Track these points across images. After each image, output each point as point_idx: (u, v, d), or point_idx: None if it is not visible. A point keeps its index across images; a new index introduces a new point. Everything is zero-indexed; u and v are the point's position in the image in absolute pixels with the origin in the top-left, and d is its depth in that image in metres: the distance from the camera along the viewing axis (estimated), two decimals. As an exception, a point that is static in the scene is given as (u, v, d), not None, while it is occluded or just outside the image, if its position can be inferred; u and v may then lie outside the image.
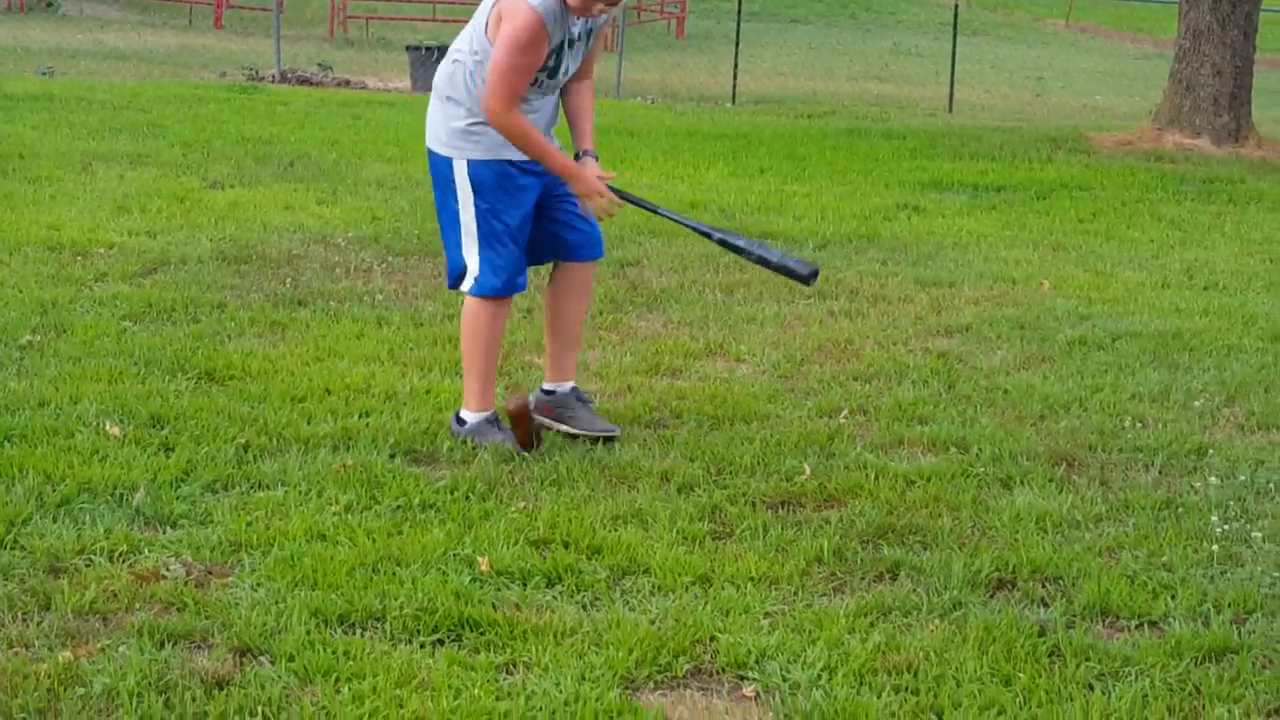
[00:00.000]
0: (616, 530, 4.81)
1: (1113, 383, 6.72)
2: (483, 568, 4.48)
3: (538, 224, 5.70)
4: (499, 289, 5.60)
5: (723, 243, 5.78)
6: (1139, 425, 6.14)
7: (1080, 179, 13.34)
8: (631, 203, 5.82)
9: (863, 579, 4.55)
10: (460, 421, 5.68)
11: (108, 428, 5.49)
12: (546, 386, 5.87)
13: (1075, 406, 6.36)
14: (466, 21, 5.68)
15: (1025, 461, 5.62)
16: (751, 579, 4.49)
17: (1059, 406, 6.35)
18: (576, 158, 5.67)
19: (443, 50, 20.37)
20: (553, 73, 5.54)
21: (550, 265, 5.90)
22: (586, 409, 5.81)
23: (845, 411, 6.20)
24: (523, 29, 5.31)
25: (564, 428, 5.74)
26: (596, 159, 5.73)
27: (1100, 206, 11.88)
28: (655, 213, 5.95)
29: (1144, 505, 5.21)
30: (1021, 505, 5.15)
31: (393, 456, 5.42)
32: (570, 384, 5.85)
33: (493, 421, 5.67)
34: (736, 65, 21.45)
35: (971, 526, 4.99)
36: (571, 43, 5.52)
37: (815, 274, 5.75)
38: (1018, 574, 4.60)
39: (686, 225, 5.93)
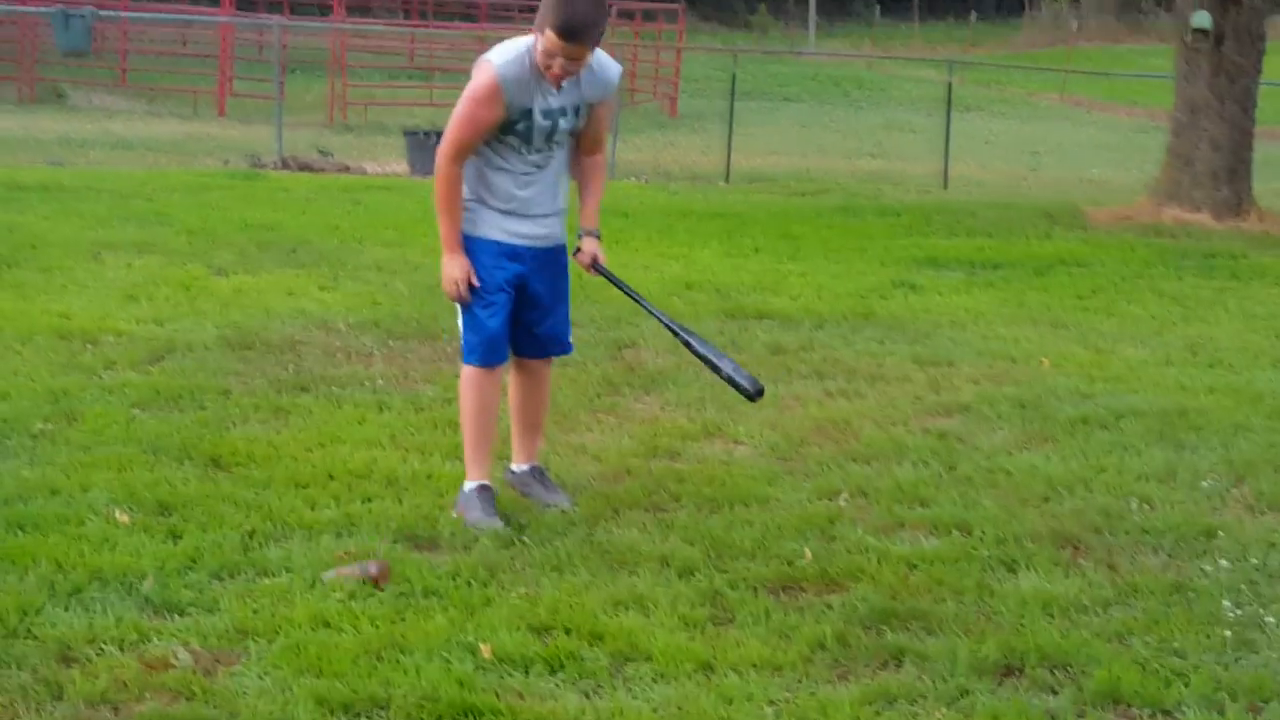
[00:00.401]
0: (617, 616, 4.86)
1: (1117, 463, 6.74)
2: (485, 655, 4.53)
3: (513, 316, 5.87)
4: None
5: (685, 343, 6.01)
6: (1145, 506, 6.15)
7: (1078, 254, 13.38)
8: (615, 285, 6.08)
9: (867, 665, 4.58)
10: None
11: (117, 515, 5.55)
12: (511, 467, 6.11)
13: (1079, 487, 6.38)
14: None
15: (1029, 544, 5.64)
16: (754, 665, 4.52)
17: (1063, 487, 6.37)
18: (578, 236, 5.93)
19: (439, 134, 20.53)
20: (526, 138, 5.68)
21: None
22: (542, 484, 6.03)
23: (845, 493, 6.24)
24: (479, 85, 5.60)
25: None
26: (597, 238, 5.97)
27: (1099, 282, 11.92)
28: (631, 298, 6.15)
29: (1153, 589, 5.21)
30: (1027, 589, 5.17)
31: (395, 542, 5.48)
32: (530, 464, 6.09)
33: (484, 492, 5.82)
34: (730, 144, 21.59)
35: (976, 611, 5.01)
36: (549, 113, 5.64)
37: (760, 392, 5.92)
38: (1025, 660, 4.61)
39: (656, 316, 6.12)
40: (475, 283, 5.75)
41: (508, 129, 5.64)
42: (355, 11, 41.48)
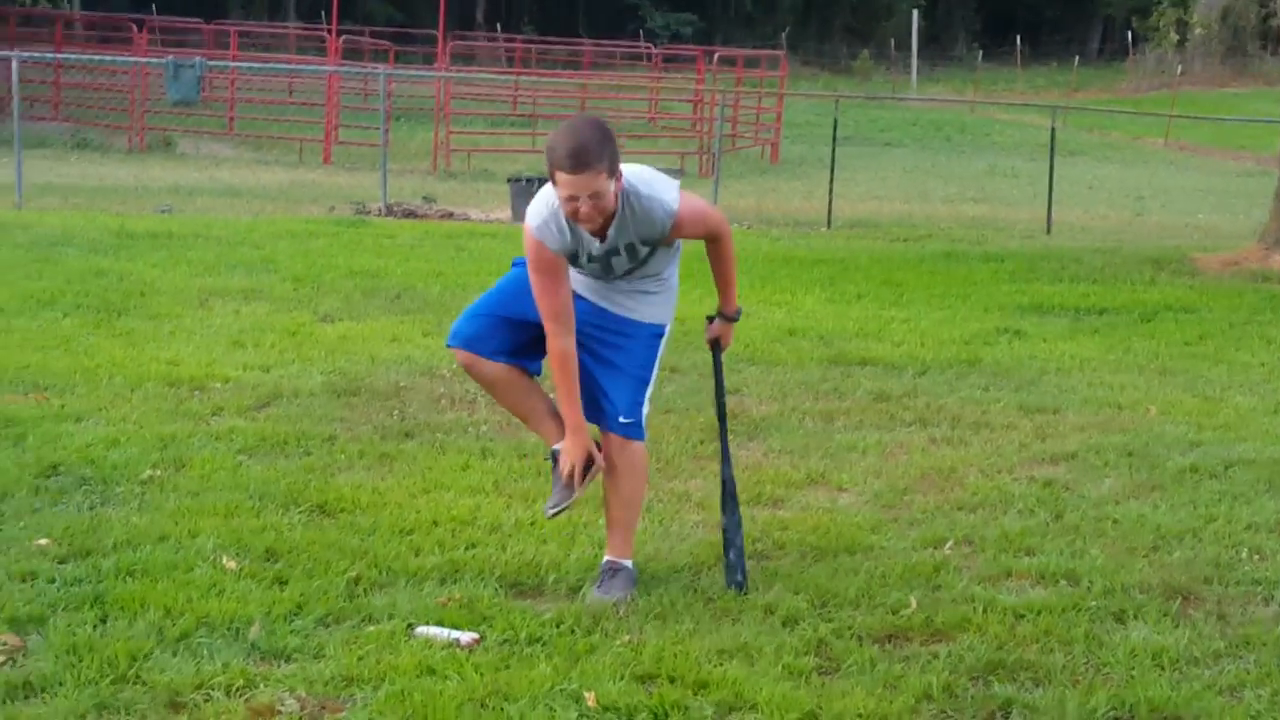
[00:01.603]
0: (722, 665, 4.83)
1: (1227, 512, 6.64)
2: (590, 703, 4.52)
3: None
4: None
5: (725, 500, 5.76)
6: (1256, 557, 6.06)
7: (1185, 301, 13.24)
8: (715, 378, 6.02)
9: (974, 717, 4.54)
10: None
11: (225, 562, 5.60)
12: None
13: (1189, 537, 6.29)
14: None
15: (1138, 595, 5.57)
16: (860, 716, 4.49)
17: (1172, 537, 6.28)
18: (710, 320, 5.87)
19: (543, 181, 20.65)
20: (575, 266, 5.43)
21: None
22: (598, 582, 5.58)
23: (950, 542, 6.19)
24: (528, 251, 5.34)
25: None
26: (722, 319, 5.91)
27: (1207, 329, 11.78)
28: (717, 405, 6.00)
29: (1265, 641, 5.13)
30: (1136, 640, 5.10)
31: (498, 589, 5.48)
32: (605, 559, 5.64)
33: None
34: (831, 190, 21.55)
35: (1085, 662, 4.95)
36: (596, 257, 5.38)
37: (739, 586, 5.55)
38: (1135, 713, 4.55)
39: (722, 442, 5.92)
40: (597, 460, 5.50)
41: (571, 261, 5.42)
42: (459, 60, 41.92)
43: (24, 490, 6.44)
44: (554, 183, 5.16)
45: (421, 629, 5.04)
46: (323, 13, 45.89)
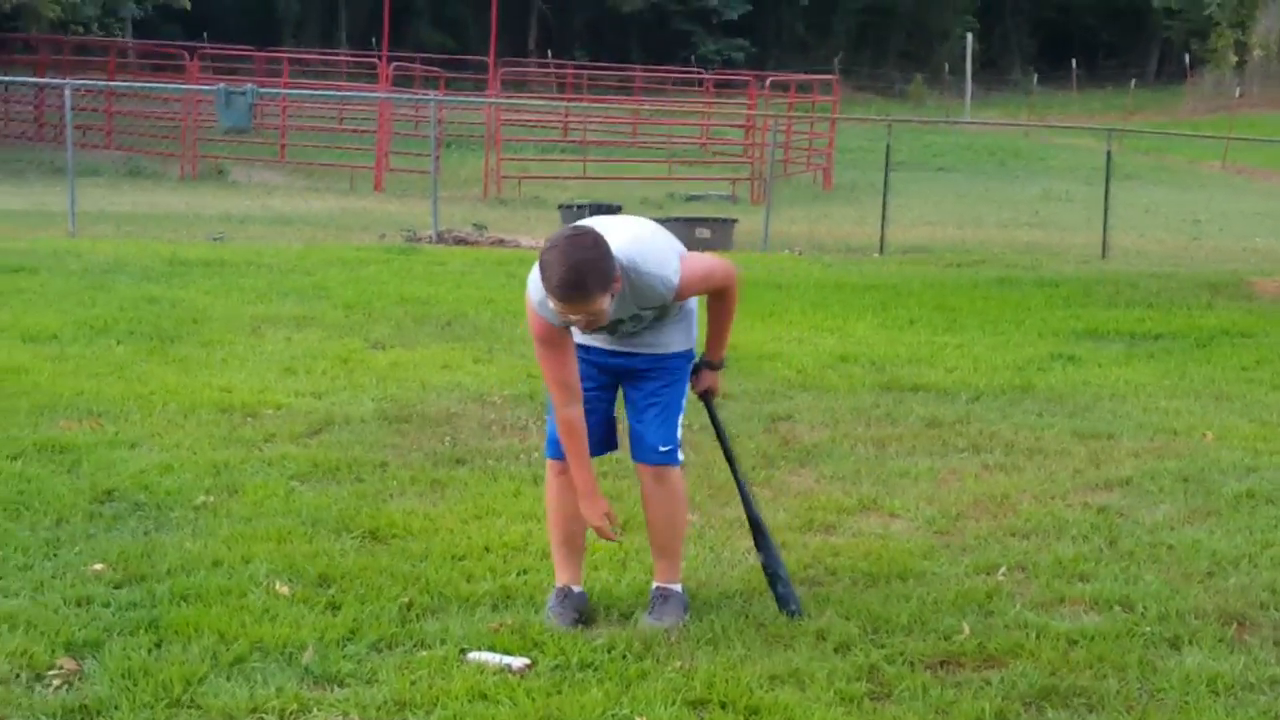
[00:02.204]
0: (774, 690, 4.82)
1: (1284, 538, 6.59)
2: (642, 729, 4.52)
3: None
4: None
5: (757, 536, 5.73)
6: (1312, 582, 6.00)
7: (1242, 325, 13.14)
8: (714, 427, 5.87)
9: (1026, 742, 4.51)
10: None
11: (278, 587, 5.62)
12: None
13: (1245, 563, 6.24)
14: (617, 180, 5.72)
15: (1193, 621, 5.52)
16: (913, 741, 4.47)
17: (1227, 563, 6.24)
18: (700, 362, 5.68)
19: (595, 208, 20.75)
20: (600, 336, 5.41)
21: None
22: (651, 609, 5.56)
23: (1003, 568, 6.16)
24: (530, 324, 5.28)
25: None
26: (712, 368, 5.68)
27: (1264, 354, 11.68)
28: (723, 451, 5.91)
29: (1320, 667, 5.08)
30: (1191, 667, 5.06)
31: (545, 611, 5.48)
32: (654, 585, 5.63)
33: (559, 595, 5.56)
34: (884, 215, 21.52)
35: (1139, 689, 4.91)
36: (596, 332, 5.32)
37: (794, 614, 5.50)
38: (1189, 739, 4.52)
39: (739, 485, 5.86)
40: (614, 521, 5.46)
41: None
42: (510, 86, 42.11)
43: (79, 516, 6.49)
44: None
45: (474, 654, 5.05)
46: (374, 39, 46.17)
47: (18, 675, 4.77)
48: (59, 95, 24.34)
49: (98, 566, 5.81)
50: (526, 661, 5.02)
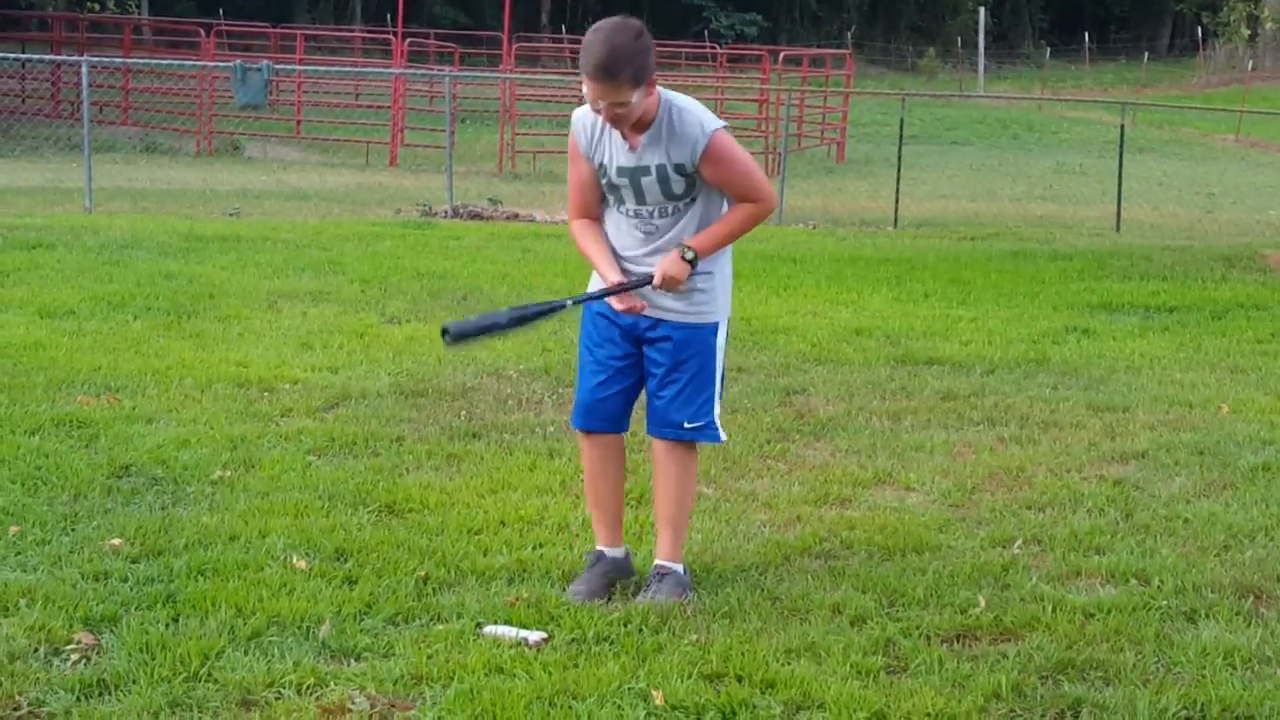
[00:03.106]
0: (790, 664, 4.83)
1: (1299, 510, 6.58)
2: (658, 702, 4.52)
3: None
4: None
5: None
6: (1328, 554, 5.99)
7: (1257, 298, 13.12)
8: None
9: (1043, 716, 4.51)
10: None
11: (295, 561, 5.64)
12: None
13: (1261, 536, 6.24)
14: None
15: (1210, 594, 5.52)
16: (928, 715, 4.47)
17: (1243, 536, 6.23)
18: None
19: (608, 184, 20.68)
20: (616, 195, 5.40)
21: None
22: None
23: (1019, 541, 6.16)
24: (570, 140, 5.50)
25: None
26: (681, 254, 5.32)
27: (1279, 326, 11.67)
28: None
29: (1338, 640, 5.07)
30: (1207, 640, 5.06)
31: (566, 589, 5.49)
32: (656, 560, 5.61)
33: (588, 561, 5.64)
34: (898, 189, 21.47)
35: (1155, 662, 4.92)
36: (625, 170, 5.33)
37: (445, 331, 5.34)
38: (1206, 712, 4.52)
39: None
40: (633, 308, 5.40)
41: (605, 184, 5.42)
42: (524, 61, 42.04)
43: (97, 491, 6.51)
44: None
45: (490, 628, 5.06)
46: (388, 16, 46.13)
47: (36, 649, 4.79)
48: (75, 72, 24.34)
49: (115, 541, 5.83)
50: (543, 635, 5.03)
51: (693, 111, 5.31)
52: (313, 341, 10.07)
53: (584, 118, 5.41)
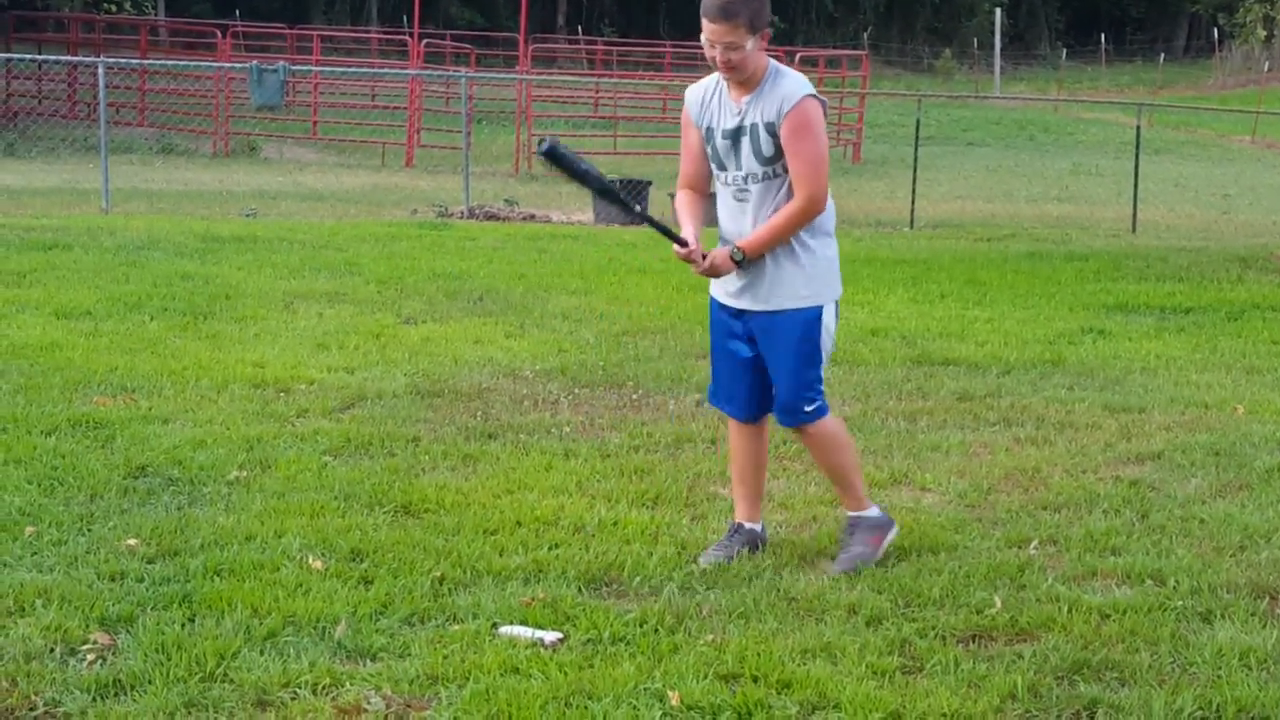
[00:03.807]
0: (805, 664, 4.83)
1: (1315, 511, 6.56)
2: (673, 702, 4.52)
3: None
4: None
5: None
6: (1344, 556, 5.98)
7: (1273, 299, 13.09)
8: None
9: (1059, 716, 4.51)
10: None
11: (311, 561, 5.64)
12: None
13: (1277, 536, 6.22)
14: (647, 155, 5.92)
15: (1225, 594, 5.51)
16: (944, 715, 4.47)
17: (1259, 537, 6.22)
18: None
19: (624, 183, 20.73)
20: (716, 160, 5.70)
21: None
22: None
23: (1035, 542, 6.15)
24: None
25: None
26: (730, 254, 5.63)
27: (1294, 327, 11.65)
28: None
29: (1354, 641, 5.06)
30: (1223, 640, 5.05)
31: (581, 589, 5.50)
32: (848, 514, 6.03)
33: (734, 532, 5.97)
34: (914, 189, 21.46)
35: (1171, 662, 4.90)
36: (729, 133, 5.62)
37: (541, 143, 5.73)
38: (1222, 713, 4.51)
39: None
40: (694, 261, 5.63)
41: (711, 151, 5.70)
42: (540, 63, 42.07)
43: (113, 491, 6.53)
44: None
45: (505, 628, 5.07)
46: (404, 17, 46.18)
47: (52, 650, 4.79)
48: (92, 73, 24.39)
49: (131, 541, 5.84)
50: (558, 635, 5.03)
51: (795, 77, 5.62)
52: (329, 342, 10.09)
53: (696, 89, 5.75)
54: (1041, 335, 11.09)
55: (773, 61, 5.62)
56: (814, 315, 5.76)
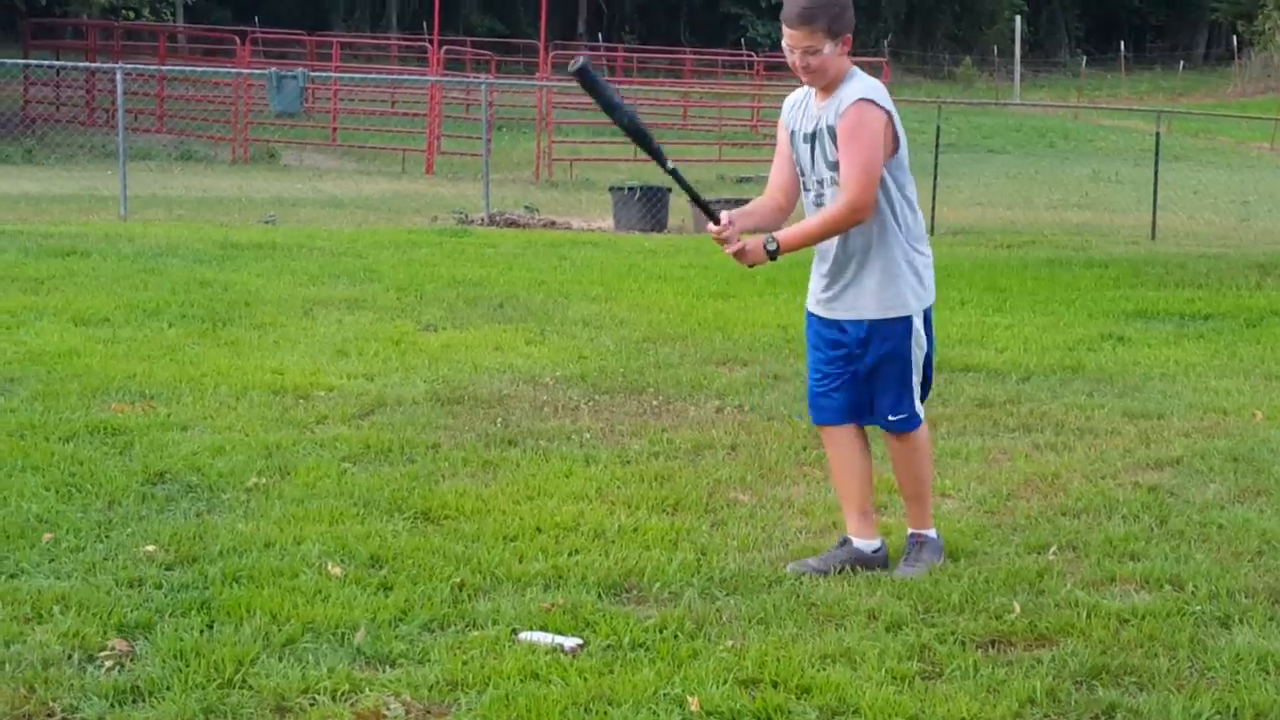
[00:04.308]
0: (825, 670, 4.82)
1: (1333, 517, 6.55)
2: (693, 708, 4.51)
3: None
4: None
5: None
6: (1362, 562, 5.96)
7: (1292, 306, 13.07)
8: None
9: (1078, 721, 4.50)
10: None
11: (330, 568, 5.65)
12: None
13: (1294, 542, 6.22)
14: None
15: (1244, 599, 5.50)
16: (963, 720, 4.47)
17: (1277, 542, 6.20)
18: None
19: (646, 190, 20.72)
20: (800, 167, 5.75)
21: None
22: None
23: (1054, 548, 6.14)
24: None
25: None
26: (764, 243, 5.68)
27: (1314, 334, 11.62)
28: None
29: (1371, 647, 5.05)
30: (1241, 645, 5.04)
31: (601, 595, 5.50)
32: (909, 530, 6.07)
33: (838, 543, 5.98)
34: (935, 197, 21.44)
35: (1190, 667, 4.89)
36: (807, 136, 5.68)
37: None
38: (1240, 718, 4.50)
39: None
40: (728, 241, 5.62)
41: (795, 157, 5.76)
42: (560, 70, 42.08)
43: (131, 498, 6.54)
44: None
45: (525, 634, 5.07)
46: (424, 24, 46.27)
47: (70, 656, 4.80)
48: (110, 80, 24.45)
49: (149, 548, 5.85)
50: (578, 641, 5.03)
51: (863, 81, 5.59)
52: (348, 349, 10.11)
53: (797, 92, 5.79)
54: (1061, 342, 11.07)
55: (854, 67, 5.63)
56: (907, 320, 5.83)
